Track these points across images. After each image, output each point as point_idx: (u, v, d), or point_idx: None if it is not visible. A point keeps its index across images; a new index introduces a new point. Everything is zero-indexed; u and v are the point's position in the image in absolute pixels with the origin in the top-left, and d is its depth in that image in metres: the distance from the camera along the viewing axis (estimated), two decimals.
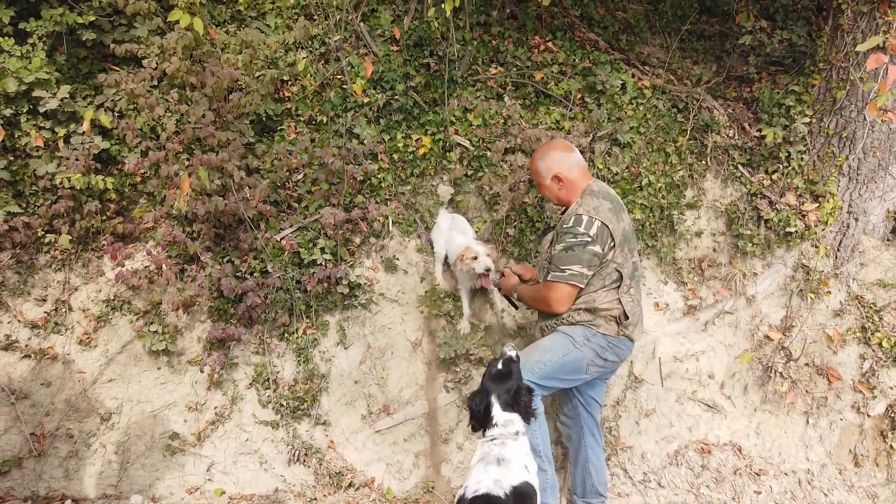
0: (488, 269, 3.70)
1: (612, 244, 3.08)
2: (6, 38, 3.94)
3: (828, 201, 4.26)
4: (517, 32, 4.82)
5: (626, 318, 3.14)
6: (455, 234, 3.98)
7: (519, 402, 2.83)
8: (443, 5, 3.83)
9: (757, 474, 3.95)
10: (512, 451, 2.74)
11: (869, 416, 4.08)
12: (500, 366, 2.92)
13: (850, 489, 3.95)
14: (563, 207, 3.33)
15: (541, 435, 3.09)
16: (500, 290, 3.79)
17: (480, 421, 2.85)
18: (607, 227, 3.06)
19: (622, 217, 3.16)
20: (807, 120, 4.32)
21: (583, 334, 3.11)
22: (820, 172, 4.32)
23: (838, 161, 4.29)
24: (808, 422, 4.09)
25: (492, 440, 2.79)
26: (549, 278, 3.13)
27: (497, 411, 2.81)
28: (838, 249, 4.34)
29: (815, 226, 4.24)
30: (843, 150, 4.28)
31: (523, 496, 2.63)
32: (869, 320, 4.19)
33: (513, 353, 3.00)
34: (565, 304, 3.11)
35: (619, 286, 3.11)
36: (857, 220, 4.33)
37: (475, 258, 3.71)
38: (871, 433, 4.07)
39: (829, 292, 4.21)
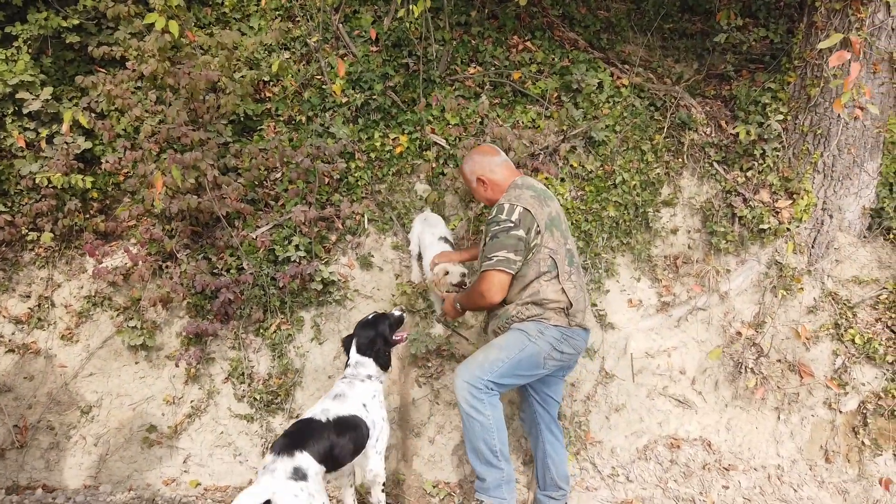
0: (464, 275, 3.71)
1: (538, 228, 3.12)
2: None
3: (802, 198, 4.27)
4: (496, 32, 4.88)
5: (571, 305, 3.16)
6: (426, 231, 4.01)
7: (373, 348, 3.21)
8: (412, 7, 3.89)
9: (726, 469, 3.97)
10: (356, 390, 3.10)
11: (841, 412, 4.08)
12: (369, 317, 3.34)
13: (820, 485, 3.96)
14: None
15: (498, 434, 3.13)
16: (446, 318, 3.79)
17: (346, 351, 3.30)
18: (529, 211, 3.10)
19: (548, 204, 3.20)
20: (781, 117, 4.33)
21: (536, 328, 3.14)
22: (795, 169, 4.33)
23: (813, 158, 4.30)
24: (779, 418, 4.10)
25: (343, 379, 3.15)
26: (481, 269, 3.18)
27: (353, 352, 3.24)
28: (812, 246, 4.35)
29: (789, 223, 4.25)
30: (818, 147, 4.29)
31: (345, 425, 2.96)
32: (842, 317, 4.20)
33: (396, 313, 3.37)
34: (498, 292, 3.13)
35: (557, 274, 3.14)
36: (831, 216, 4.33)
37: (447, 273, 3.70)
38: (843, 429, 4.08)
39: (802, 289, 4.22)
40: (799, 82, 4.36)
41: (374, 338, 3.23)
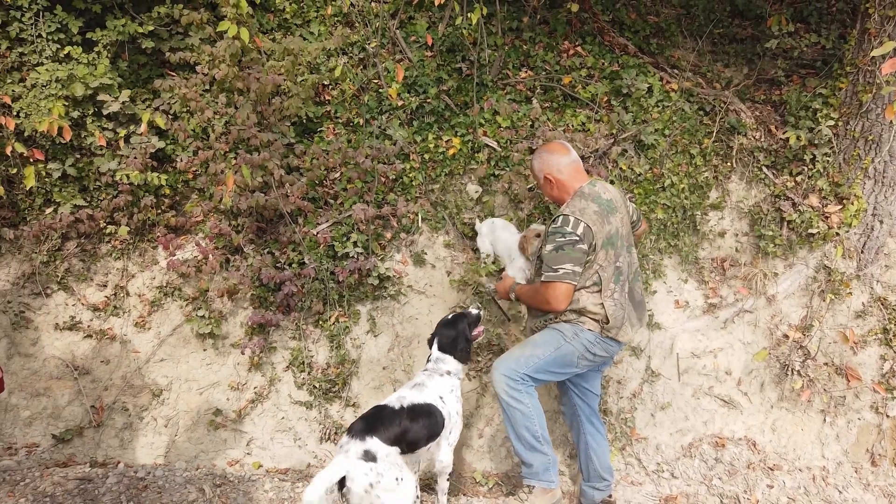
0: None
1: (595, 246, 3.21)
2: (75, 46, 4.34)
3: (852, 203, 4.30)
4: (547, 38, 5.00)
5: (608, 321, 3.25)
6: (499, 232, 4.11)
7: (456, 347, 3.44)
8: (469, 15, 4.05)
9: (770, 469, 4.03)
10: (434, 382, 3.31)
11: (888, 416, 4.11)
12: (449, 317, 3.56)
13: (865, 487, 3.99)
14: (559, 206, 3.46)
15: (538, 420, 3.31)
16: (495, 294, 3.92)
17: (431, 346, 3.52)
18: (591, 228, 3.18)
19: (610, 220, 3.26)
20: (831, 123, 4.36)
21: (571, 330, 3.28)
22: (845, 175, 4.36)
23: (864, 164, 4.32)
24: (825, 420, 4.15)
25: (424, 371, 3.37)
26: (543, 279, 3.24)
27: (434, 349, 3.46)
28: (862, 251, 4.37)
29: (838, 227, 4.29)
30: (869, 153, 4.31)
31: (419, 412, 3.18)
32: (892, 322, 4.21)
33: (474, 311, 3.55)
34: (564, 301, 3.22)
35: (601, 290, 3.24)
36: (882, 222, 4.35)
37: (538, 235, 3.76)
38: (890, 433, 4.10)
39: (851, 293, 4.25)
40: (850, 88, 4.39)
41: (456, 337, 3.44)
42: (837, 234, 4.28)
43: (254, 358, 4.22)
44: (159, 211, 4.44)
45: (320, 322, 4.26)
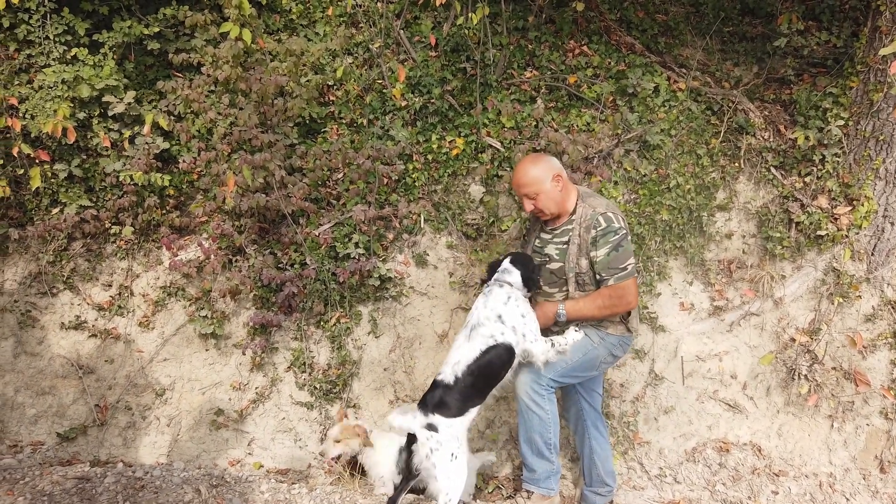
0: None
1: None
2: (81, 48, 4.37)
3: (862, 205, 4.22)
4: (553, 37, 4.96)
5: (629, 313, 3.29)
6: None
7: (527, 265, 3.28)
8: (471, 15, 4.02)
9: (776, 475, 3.97)
10: (490, 301, 3.21)
11: None
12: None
13: (874, 494, 3.91)
14: (554, 217, 3.36)
15: (553, 429, 3.27)
16: None
17: (489, 274, 3.37)
18: (625, 220, 3.27)
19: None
20: (842, 122, 4.28)
21: (597, 335, 3.29)
22: (855, 175, 4.27)
23: (875, 164, 4.24)
24: (832, 425, 4.07)
25: (486, 284, 3.32)
26: (614, 281, 3.16)
27: (506, 262, 3.31)
28: (872, 254, 4.28)
29: (848, 229, 4.21)
30: (881, 153, 4.23)
31: (475, 371, 3.11)
32: None
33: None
34: (636, 296, 3.24)
35: None
36: (892, 224, 4.27)
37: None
38: None
39: (860, 296, 4.17)
40: (861, 87, 4.30)
41: (528, 259, 3.34)
42: (847, 235, 4.20)
43: (255, 358, 4.23)
44: (164, 211, 4.46)
45: (322, 323, 4.26)
